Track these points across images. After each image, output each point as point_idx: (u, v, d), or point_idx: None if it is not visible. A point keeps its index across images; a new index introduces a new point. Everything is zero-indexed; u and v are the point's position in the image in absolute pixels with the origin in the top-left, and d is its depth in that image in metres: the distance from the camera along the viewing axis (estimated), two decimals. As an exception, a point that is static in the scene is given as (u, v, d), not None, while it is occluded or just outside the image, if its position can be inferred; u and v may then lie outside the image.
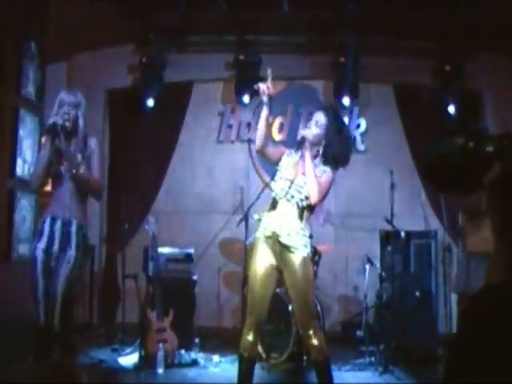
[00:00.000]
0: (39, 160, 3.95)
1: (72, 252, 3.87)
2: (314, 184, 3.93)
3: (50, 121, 3.85)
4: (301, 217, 3.98)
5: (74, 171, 3.85)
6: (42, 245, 3.87)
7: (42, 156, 3.89)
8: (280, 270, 4.00)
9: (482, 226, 3.80)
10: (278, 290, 5.29)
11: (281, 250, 3.92)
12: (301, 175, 3.97)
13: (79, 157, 3.90)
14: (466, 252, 3.89)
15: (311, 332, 3.92)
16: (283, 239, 3.89)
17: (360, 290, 6.84)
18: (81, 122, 3.98)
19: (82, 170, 3.87)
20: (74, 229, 3.91)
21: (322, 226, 7.31)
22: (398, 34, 7.01)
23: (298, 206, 3.95)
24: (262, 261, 3.94)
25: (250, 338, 3.99)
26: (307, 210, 4.00)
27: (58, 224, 3.89)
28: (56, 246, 3.87)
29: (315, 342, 3.92)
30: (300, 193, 3.94)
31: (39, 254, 3.85)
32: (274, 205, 4.02)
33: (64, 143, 3.84)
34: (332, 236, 7.22)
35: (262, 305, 3.99)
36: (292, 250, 3.90)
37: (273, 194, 4.03)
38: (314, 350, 3.95)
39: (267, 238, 3.95)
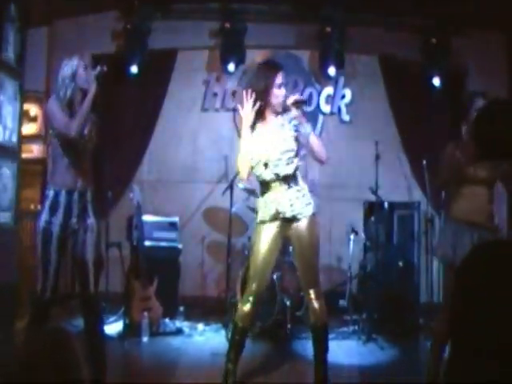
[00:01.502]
0: (84, 105, 3.76)
1: (91, 220, 3.84)
2: (323, 147, 3.93)
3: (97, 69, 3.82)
4: (295, 180, 3.97)
5: (88, 141, 3.83)
6: (58, 219, 3.77)
7: (87, 100, 3.75)
8: (286, 238, 4.02)
9: (472, 195, 3.80)
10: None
11: (287, 222, 3.94)
12: (273, 149, 3.92)
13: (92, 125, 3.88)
14: (452, 220, 3.88)
15: (313, 295, 3.95)
16: (288, 214, 3.90)
17: (343, 261, 6.88)
18: (93, 88, 3.86)
19: (91, 140, 3.87)
20: (89, 197, 3.86)
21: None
22: (386, 8, 6.96)
23: (289, 176, 3.93)
24: (267, 238, 3.99)
25: (247, 308, 4.01)
26: (297, 169, 3.99)
27: (75, 196, 3.80)
28: (74, 219, 3.81)
29: (316, 305, 3.96)
30: (286, 164, 3.91)
31: (55, 228, 3.75)
32: (262, 189, 4.01)
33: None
34: (316, 206, 7.19)
35: (264, 276, 4.03)
36: (298, 217, 3.91)
37: (258, 178, 4.00)
38: (314, 315, 3.99)
39: (271, 219, 3.95)
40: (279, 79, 3.91)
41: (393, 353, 5.32)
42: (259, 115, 3.93)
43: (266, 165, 3.89)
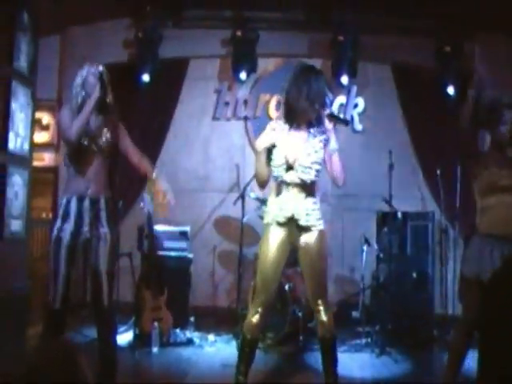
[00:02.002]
0: (85, 110, 3.75)
1: (105, 229, 3.77)
2: (343, 170, 3.88)
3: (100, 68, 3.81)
4: (313, 193, 3.92)
5: (101, 144, 3.80)
6: (69, 226, 3.74)
7: (88, 105, 3.74)
8: (294, 247, 3.95)
9: (502, 205, 3.67)
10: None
11: (298, 230, 3.87)
12: (305, 155, 3.86)
13: (106, 131, 3.84)
14: (479, 233, 3.74)
15: (321, 307, 3.89)
16: (303, 222, 3.84)
17: (356, 271, 6.80)
18: (110, 96, 3.89)
19: (106, 144, 3.82)
20: (102, 205, 3.80)
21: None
22: (398, 14, 6.92)
23: (308, 184, 3.87)
24: (275, 243, 3.88)
25: (255, 320, 3.94)
26: (316, 183, 3.94)
27: (86, 203, 3.76)
28: (86, 227, 3.76)
29: (324, 318, 3.89)
30: (309, 173, 3.85)
31: (65, 236, 3.72)
32: (279, 189, 3.93)
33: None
34: (329, 216, 7.14)
35: (273, 287, 3.96)
36: (311, 228, 3.85)
37: (277, 179, 3.92)
38: (322, 327, 3.92)
39: (282, 223, 3.87)
40: None
41: (407, 366, 5.22)
42: (292, 120, 3.90)
43: (290, 167, 3.84)
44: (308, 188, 3.88)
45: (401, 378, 4.94)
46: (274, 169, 3.89)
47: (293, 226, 3.87)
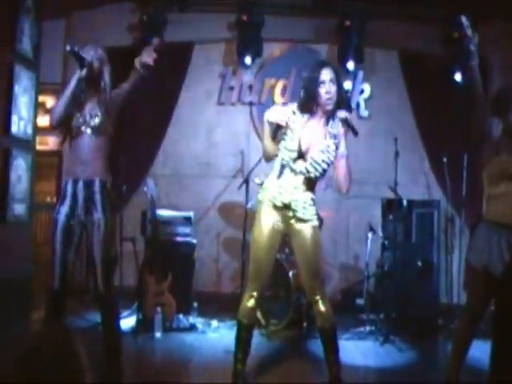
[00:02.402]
0: (63, 95, 3.67)
1: (99, 215, 3.70)
2: (349, 177, 3.83)
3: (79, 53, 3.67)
4: (313, 188, 3.89)
5: (93, 125, 3.71)
6: (64, 208, 3.70)
7: (65, 93, 3.65)
8: (286, 235, 3.91)
9: (509, 193, 3.60)
10: (278, 256, 5.22)
11: (292, 220, 3.82)
12: (318, 150, 3.80)
13: (99, 111, 3.75)
14: (487, 222, 3.67)
15: (318, 297, 3.86)
16: (299, 213, 3.80)
17: (361, 259, 6.77)
18: (106, 78, 3.80)
19: (99, 124, 3.73)
20: (97, 188, 3.72)
21: (324, 191, 7.19)
22: (406, 0, 6.84)
23: (312, 179, 3.83)
24: (268, 227, 3.83)
25: (251, 304, 3.92)
26: (318, 180, 3.90)
27: (80, 185, 3.70)
28: (80, 210, 3.70)
29: (322, 308, 3.86)
30: (316, 169, 3.81)
31: (61, 218, 3.68)
32: (282, 171, 3.87)
33: (85, 92, 3.71)
34: (334, 203, 7.11)
35: (267, 271, 3.92)
36: (305, 220, 3.81)
37: (283, 162, 3.87)
38: (321, 317, 3.89)
39: (277, 207, 3.83)
40: (324, 76, 3.79)
41: (411, 354, 5.19)
42: (309, 110, 3.84)
43: (301, 156, 3.78)
44: (310, 182, 3.84)
45: (404, 366, 4.91)
46: (284, 151, 3.83)
47: (287, 214, 3.83)
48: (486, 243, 3.58)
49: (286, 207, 3.81)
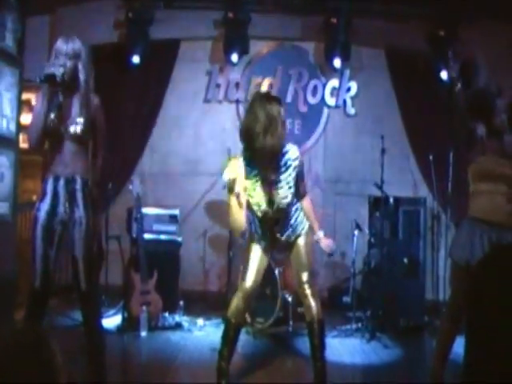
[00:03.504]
0: (35, 115, 3.58)
1: (80, 213, 3.64)
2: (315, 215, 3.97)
3: (46, 70, 3.49)
4: (292, 208, 3.92)
5: (73, 130, 3.60)
6: (45, 206, 3.62)
7: (38, 112, 3.55)
8: None
9: (492, 192, 3.61)
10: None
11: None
12: (278, 198, 3.81)
13: (79, 115, 3.62)
14: (469, 219, 3.69)
15: (308, 292, 3.88)
16: (287, 238, 3.95)
17: (348, 256, 6.77)
18: (82, 75, 3.63)
19: (80, 129, 3.61)
20: (78, 186, 3.65)
21: (310, 189, 7.19)
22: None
23: (286, 209, 3.87)
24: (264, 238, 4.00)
25: (240, 304, 3.93)
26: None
27: (61, 183, 3.64)
28: (61, 207, 3.64)
29: (312, 302, 3.89)
30: (285, 204, 3.84)
31: (41, 215, 3.61)
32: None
33: (62, 97, 3.55)
34: (320, 201, 7.11)
35: (260, 273, 3.96)
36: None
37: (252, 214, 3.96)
38: (309, 312, 3.90)
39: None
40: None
41: (397, 351, 5.20)
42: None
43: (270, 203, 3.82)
44: (287, 210, 3.86)
45: (391, 363, 4.92)
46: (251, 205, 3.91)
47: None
48: (469, 239, 3.58)
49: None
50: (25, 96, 6.15)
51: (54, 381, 1.41)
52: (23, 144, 6.13)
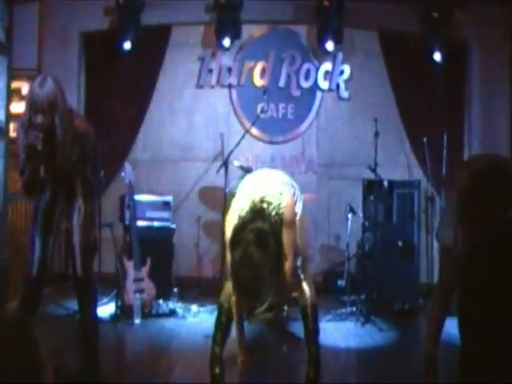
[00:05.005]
0: (20, 172, 3.55)
1: (79, 201, 3.67)
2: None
3: (25, 139, 3.46)
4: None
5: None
6: (45, 197, 3.65)
7: (21, 170, 3.53)
8: None
9: None
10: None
11: None
12: None
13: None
14: (455, 201, 3.65)
15: (302, 276, 3.84)
16: None
17: (342, 240, 6.75)
18: (59, 129, 3.45)
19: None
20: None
21: (304, 173, 7.17)
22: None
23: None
24: None
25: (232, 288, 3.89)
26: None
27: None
28: (61, 197, 3.67)
29: (305, 287, 3.85)
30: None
31: (42, 206, 3.66)
32: None
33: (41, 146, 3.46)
34: (314, 185, 7.08)
35: None
36: None
37: None
38: (303, 296, 3.87)
39: None
40: None
41: (391, 335, 5.22)
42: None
43: None
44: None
45: (385, 346, 4.93)
46: None
47: None
48: (454, 220, 3.55)
49: None
50: (14, 85, 6.10)
51: (38, 373, 1.39)
52: (13, 133, 6.09)
